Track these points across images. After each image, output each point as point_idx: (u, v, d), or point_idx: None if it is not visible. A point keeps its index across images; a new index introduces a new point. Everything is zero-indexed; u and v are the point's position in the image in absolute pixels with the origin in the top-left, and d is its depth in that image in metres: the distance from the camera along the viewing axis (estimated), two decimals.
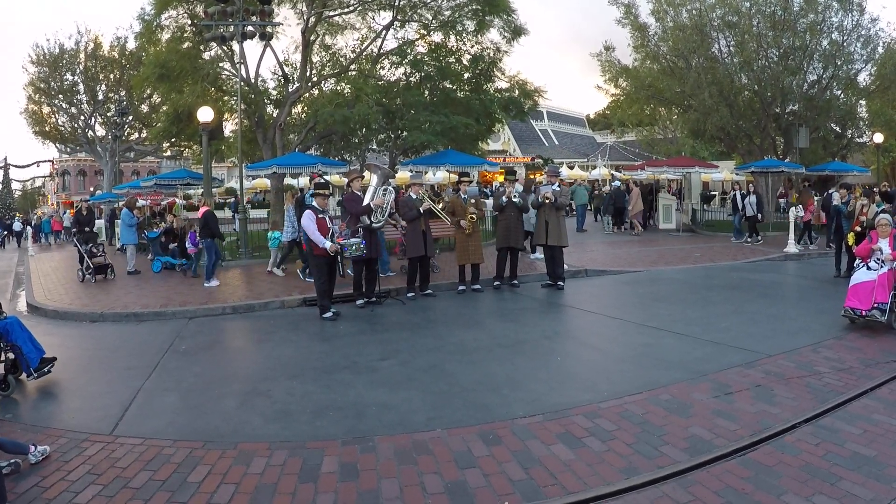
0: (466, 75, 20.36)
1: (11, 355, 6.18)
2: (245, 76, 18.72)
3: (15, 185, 74.47)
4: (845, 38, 21.42)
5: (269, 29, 17.43)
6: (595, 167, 46.55)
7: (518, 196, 10.87)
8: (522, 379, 5.98)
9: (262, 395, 5.76)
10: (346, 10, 20.33)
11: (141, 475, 4.17)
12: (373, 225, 9.62)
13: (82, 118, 36.21)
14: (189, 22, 18.89)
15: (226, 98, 20.04)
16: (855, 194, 12.27)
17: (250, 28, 16.82)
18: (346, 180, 11.38)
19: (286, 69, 21.00)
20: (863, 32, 21.58)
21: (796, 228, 16.32)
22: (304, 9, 19.39)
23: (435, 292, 10.59)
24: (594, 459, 4.22)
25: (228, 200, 41.87)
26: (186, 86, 17.90)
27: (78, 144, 39.81)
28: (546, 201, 10.46)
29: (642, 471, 4.02)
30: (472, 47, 20.40)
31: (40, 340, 6.55)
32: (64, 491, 3.98)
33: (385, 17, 20.49)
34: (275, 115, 20.46)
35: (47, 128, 37.09)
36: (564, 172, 35.67)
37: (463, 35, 20.02)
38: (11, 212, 61.08)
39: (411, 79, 20.00)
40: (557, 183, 11.08)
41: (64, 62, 34.39)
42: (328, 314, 8.92)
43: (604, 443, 4.46)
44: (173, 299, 10.70)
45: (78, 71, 34.75)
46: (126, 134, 36.32)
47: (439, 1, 19.80)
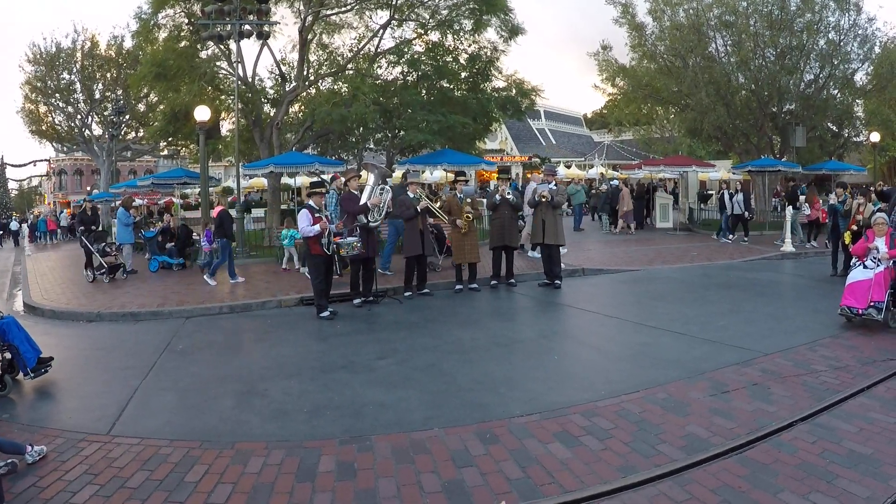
0: (464, 74, 20.35)
1: (8, 355, 6.17)
2: (242, 75, 18.69)
3: (11, 185, 74.31)
4: (842, 38, 21.44)
5: (266, 28, 17.42)
6: (592, 166, 46.55)
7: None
8: (520, 378, 5.99)
9: (260, 395, 5.75)
10: (344, 10, 20.32)
11: (138, 475, 4.17)
12: (370, 224, 9.62)
13: (79, 117, 36.13)
14: (186, 21, 18.87)
15: (223, 97, 20.02)
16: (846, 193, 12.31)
17: (247, 27, 16.81)
18: (344, 179, 11.37)
19: (283, 68, 21.01)
20: (860, 32, 21.60)
21: (795, 227, 16.44)
22: (302, 8, 19.39)
23: (432, 291, 10.58)
24: (591, 458, 4.22)
25: (226, 200, 41.82)
26: (183, 85, 17.87)
27: (75, 144, 39.73)
28: (543, 200, 10.47)
29: (639, 469, 4.03)
30: (470, 46, 20.41)
31: (37, 340, 6.54)
32: (61, 491, 3.97)
33: (382, 17, 20.52)
34: (272, 115, 20.45)
35: (44, 127, 37.01)
36: (562, 171, 35.70)
37: (460, 34, 20.02)
38: (8, 211, 60.96)
39: (408, 78, 19.99)
40: (554, 181, 11.08)
41: (60, 61, 34.32)
42: (325, 313, 8.92)
43: (601, 441, 4.47)
44: (170, 299, 10.69)
45: (75, 70, 34.68)
46: (123, 133, 36.27)
47: (437, 0, 19.81)
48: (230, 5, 16.07)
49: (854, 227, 10.08)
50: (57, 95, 34.98)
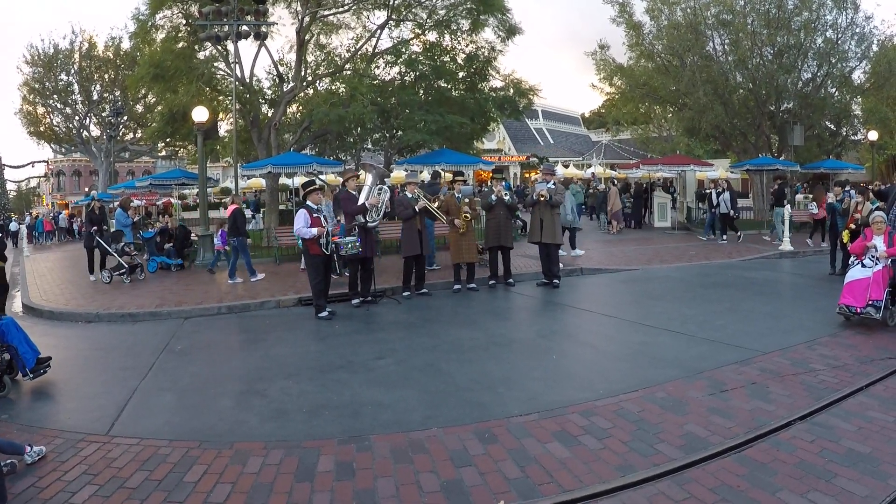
0: (461, 74, 20.35)
1: (7, 356, 6.15)
2: (240, 76, 18.68)
3: (10, 186, 74.25)
4: (840, 36, 21.48)
5: (264, 28, 17.43)
6: (590, 166, 46.58)
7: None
8: (518, 377, 5.99)
9: (258, 395, 5.75)
10: (341, 10, 20.32)
11: (137, 475, 4.16)
12: (368, 224, 9.62)
13: (77, 118, 36.11)
14: (184, 22, 18.86)
15: (221, 98, 20.01)
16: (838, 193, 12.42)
17: (245, 28, 16.81)
18: (342, 179, 11.38)
19: (281, 69, 20.98)
20: (857, 30, 21.65)
21: (794, 225, 16.53)
22: (299, 8, 19.38)
23: (430, 291, 10.59)
24: (590, 457, 4.22)
25: (224, 200, 41.82)
26: (181, 86, 17.86)
27: (73, 145, 39.71)
28: (541, 199, 10.47)
29: (638, 468, 4.03)
30: (467, 46, 20.41)
31: (36, 341, 6.53)
32: (60, 491, 3.97)
33: (380, 17, 20.51)
34: (270, 115, 20.43)
35: (42, 128, 36.98)
36: (560, 171, 35.71)
37: (458, 34, 20.03)
38: (6, 212, 60.87)
39: (406, 78, 19.99)
40: (552, 181, 11.08)
41: (58, 62, 34.30)
42: (324, 313, 8.92)
43: (599, 441, 4.47)
44: (169, 299, 10.68)
45: (72, 71, 34.67)
46: (121, 134, 36.27)
47: (434, 0, 19.81)
48: (228, 6, 16.06)
49: (852, 226, 10.09)
50: (55, 97, 34.96)
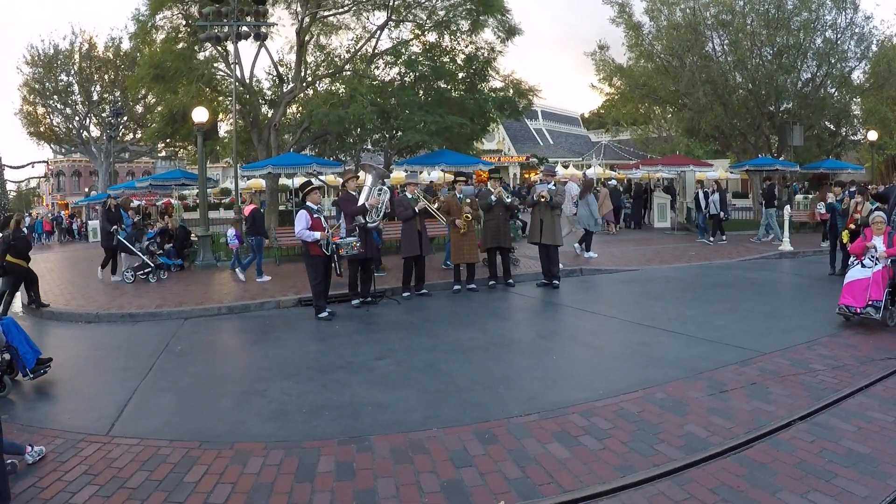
0: (461, 75, 20.37)
1: (7, 356, 6.15)
2: (240, 76, 18.69)
3: (10, 186, 74.23)
4: (839, 36, 21.49)
5: (264, 29, 17.44)
6: (590, 166, 46.57)
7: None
8: (518, 378, 5.99)
9: (258, 395, 5.75)
10: (341, 11, 20.34)
11: (137, 475, 4.16)
12: (368, 225, 9.62)
13: (77, 119, 36.10)
14: (184, 22, 18.88)
15: (221, 98, 20.02)
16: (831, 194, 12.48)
17: (245, 28, 16.82)
18: (342, 180, 11.38)
19: (281, 69, 21.00)
20: (857, 30, 21.66)
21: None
22: (299, 9, 19.39)
23: (430, 292, 10.59)
24: (590, 458, 4.22)
25: (223, 200, 41.86)
26: (181, 86, 17.87)
27: (73, 145, 39.70)
28: (541, 200, 10.47)
29: (638, 469, 4.03)
30: (467, 47, 20.43)
31: (36, 341, 6.54)
32: (61, 491, 3.97)
33: (379, 18, 20.54)
34: (270, 116, 20.44)
35: (42, 128, 36.97)
36: (560, 171, 35.72)
37: (457, 35, 20.05)
38: (6, 212, 60.87)
39: (406, 79, 20.00)
40: (553, 182, 11.07)
41: (58, 63, 34.29)
42: (324, 314, 8.92)
43: (599, 441, 4.47)
44: (169, 300, 10.68)
45: (72, 71, 34.66)
46: (121, 134, 36.27)
47: (434, 1, 19.82)
48: (227, 7, 16.08)
49: (852, 226, 10.09)
50: (55, 97, 34.95)
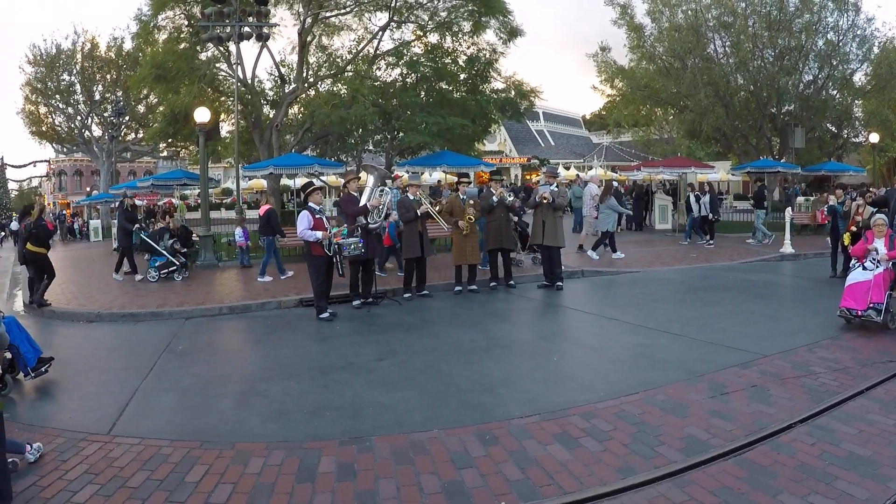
0: (462, 76, 20.38)
1: (9, 355, 6.16)
2: (242, 77, 18.71)
3: (11, 185, 74.33)
4: (841, 38, 21.50)
5: (266, 30, 17.44)
6: (591, 168, 46.57)
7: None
8: (519, 379, 5.99)
9: (260, 396, 5.76)
10: (343, 12, 20.36)
11: (138, 475, 4.17)
12: (369, 226, 9.62)
13: (79, 118, 36.14)
14: (186, 23, 18.91)
15: (222, 99, 20.06)
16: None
17: (247, 29, 16.83)
18: (343, 181, 11.38)
19: (283, 70, 21.04)
20: (858, 32, 21.67)
21: (795, 227, 16.62)
22: (301, 10, 19.43)
23: (431, 293, 10.59)
24: (591, 459, 4.23)
25: (225, 201, 41.92)
26: (183, 86, 17.89)
27: (74, 145, 39.74)
28: (543, 201, 10.46)
29: (639, 471, 4.04)
30: (469, 48, 20.45)
31: (37, 340, 6.55)
32: (62, 490, 3.98)
33: (381, 18, 20.57)
34: (271, 116, 20.47)
35: (44, 128, 37.01)
36: (561, 173, 35.70)
37: (459, 36, 20.07)
38: (8, 212, 60.90)
39: (407, 80, 20.01)
40: (556, 183, 11.05)
41: (61, 62, 34.33)
42: (325, 315, 8.92)
43: (600, 443, 4.47)
44: (170, 299, 10.69)
45: (75, 71, 34.69)
46: (123, 134, 36.29)
47: (435, 2, 19.84)
48: (230, 7, 16.10)
49: (853, 229, 10.09)
50: (57, 97, 34.98)
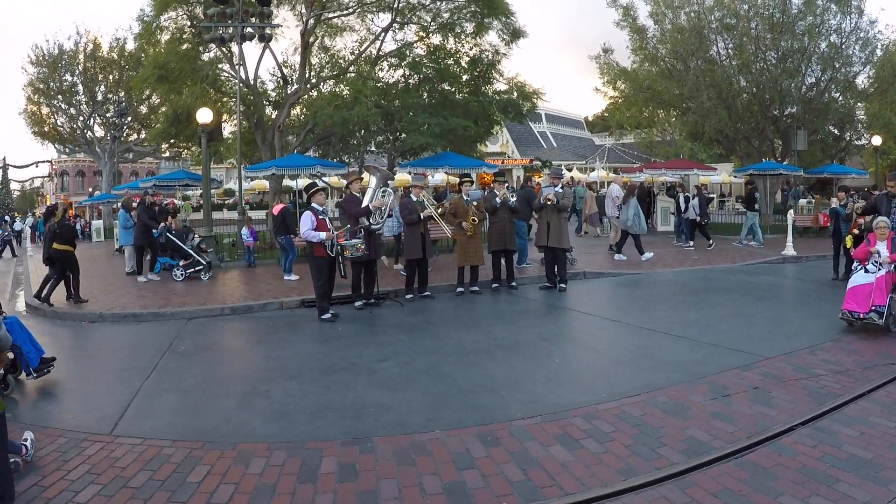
0: (465, 77, 20.37)
1: (11, 355, 6.17)
2: (244, 78, 18.74)
3: (14, 186, 74.46)
4: (844, 41, 21.44)
5: (268, 30, 17.48)
6: (594, 169, 46.57)
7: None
8: (520, 380, 6.00)
9: (261, 396, 5.77)
10: (345, 13, 20.38)
11: (140, 475, 4.18)
12: (371, 226, 9.63)
13: (81, 119, 36.16)
14: (188, 23, 18.94)
15: (225, 99, 20.08)
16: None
17: (249, 30, 16.87)
18: (345, 182, 11.40)
19: (285, 71, 21.04)
20: (861, 35, 21.59)
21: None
22: (303, 10, 19.44)
23: (433, 294, 10.60)
24: (592, 461, 4.23)
25: (227, 201, 41.97)
26: (185, 87, 17.92)
27: (77, 145, 39.76)
28: (548, 203, 10.44)
29: (640, 472, 4.04)
30: (471, 49, 20.44)
31: (39, 340, 6.55)
32: (63, 490, 3.98)
33: (384, 19, 20.57)
34: (274, 117, 20.48)
35: (46, 128, 37.04)
36: (563, 175, 35.70)
37: (461, 37, 20.06)
38: (10, 212, 61.02)
39: (410, 81, 20.01)
40: (560, 185, 11.01)
41: (63, 63, 34.36)
42: (327, 315, 8.93)
43: (601, 444, 4.47)
44: (172, 300, 10.70)
45: (77, 72, 34.71)
46: (125, 135, 36.30)
47: (438, 3, 19.85)
48: (232, 8, 16.13)
49: (855, 231, 10.08)
50: (59, 97, 35.01)
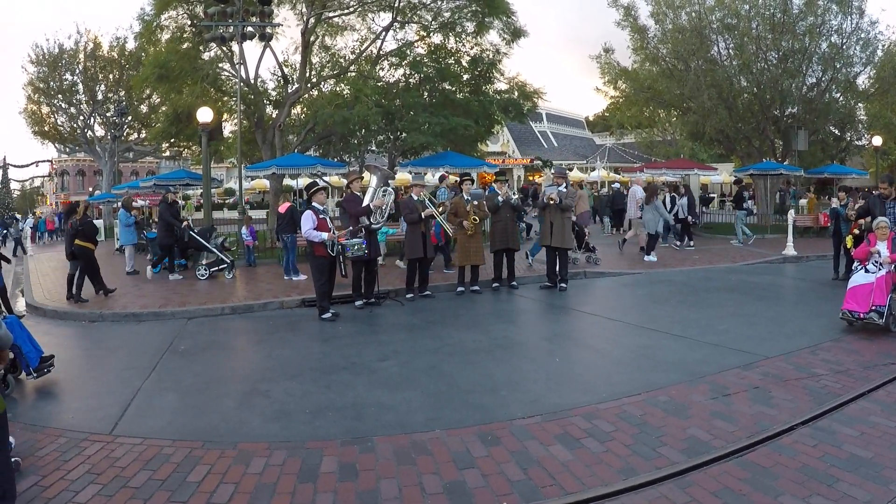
0: (466, 77, 20.40)
1: (11, 355, 6.17)
2: (244, 77, 18.74)
3: (14, 185, 74.44)
4: (844, 41, 21.44)
5: (269, 30, 17.47)
6: (594, 169, 46.56)
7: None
8: (521, 380, 5.99)
9: (262, 396, 5.76)
10: (346, 12, 20.38)
11: (140, 475, 4.17)
12: (372, 226, 9.63)
13: (81, 118, 36.18)
14: (189, 22, 18.94)
15: (225, 98, 20.07)
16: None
17: (250, 29, 16.87)
18: (346, 181, 11.40)
19: (286, 70, 21.05)
20: (862, 35, 21.60)
21: (798, 229, 16.98)
22: (304, 10, 19.45)
23: (434, 293, 10.60)
24: (592, 460, 4.22)
25: (227, 201, 41.97)
26: (186, 86, 17.93)
27: (77, 144, 39.79)
28: (550, 202, 10.42)
29: (640, 472, 4.03)
30: (472, 49, 20.46)
31: (39, 340, 6.55)
32: (63, 490, 3.98)
33: (385, 19, 20.60)
34: (274, 116, 20.49)
35: (46, 128, 37.06)
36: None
37: (462, 37, 20.08)
38: (10, 212, 61.02)
39: (411, 80, 20.03)
40: (564, 184, 10.95)
41: (63, 62, 34.37)
42: (327, 315, 8.93)
43: (602, 444, 4.47)
44: (172, 299, 10.70)
45: (77, 71, 34.73)
46: (125, 134, 36.31)
47: (439, 2, 19.86)
48: (233, 7, 16.13)
49: (856, 231, 10.07)
50: (59, 96, 35.02)
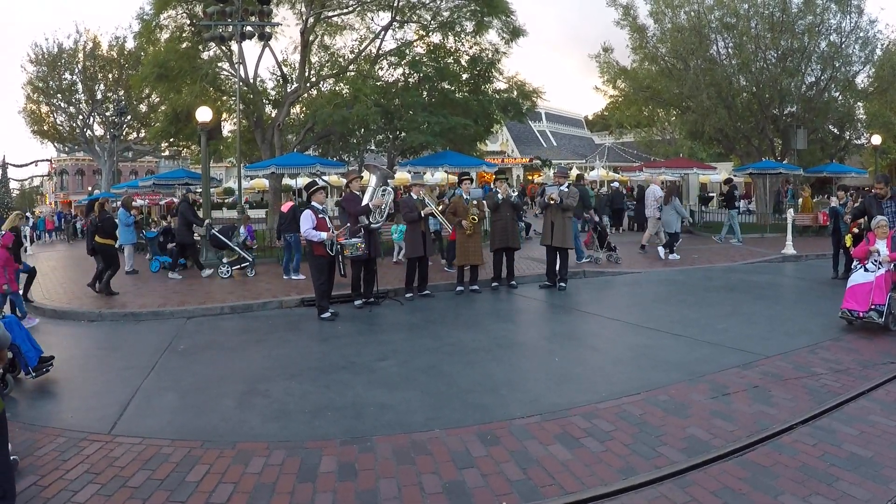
0: (465, 76, 20.39)
1: (10, 354, 6.16)
2: (244, 76, 18.72)
3: (13, 185, 74.37)
4: (843, 40, 21.45)
5: (268, 29, 17.46)
6: (593, 168, 46.54)
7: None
8: (520, 379, 5.99)
9: (261, 395, 5.76)
10: (345, 11, 20.37)
11: (139, 474, 4.17)
12: (371, 225, 9.63)
13: (81, 118, 36.13)
14: (188, 22, 18.92)
15: (224, 98, 20.06)
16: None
17: (249, 28, 16.84)
18: (345, 181, 11.40)
19: (285, 69, 21.03)
20: (861, 34, 21.61)
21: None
22: (303, 9, 19.43)
23: (433, 293, 10.59)
24: (592, 460, 4.22)
25: (226, 200, 41.95)
26: (185, 86, 17.91)
27: (76, 144, 39.72)
28: (551, 202, 10.41)
29: (640, 471, 4.03)
30: (471, 48, 20.45)
31: (39, 340, 6.56)
32: (62, 490, 3.97)
33: (384, 18, 20.59)
34: (273, 116, 20.47)
35: (45, 127, 37.01)
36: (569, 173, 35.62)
37: (461, 36, 20.06)
38: (10, 211, 61.02)
39: (410, 79, 20.02)
40: (566, 184, 10.94)
41: (62, 61, 34.32)
42: (326, 314, 8.93)
43: (601, 443, 4.47)
44: (171, 299, 10.69)
45: (76, 70, 34.68)
46: (124, 133, 36.26)
47: (438, 2, 19.85)
48: (232, 7, 16.11)
49: (855, 230, 10.07)
50: (59, 96, 34.97)
